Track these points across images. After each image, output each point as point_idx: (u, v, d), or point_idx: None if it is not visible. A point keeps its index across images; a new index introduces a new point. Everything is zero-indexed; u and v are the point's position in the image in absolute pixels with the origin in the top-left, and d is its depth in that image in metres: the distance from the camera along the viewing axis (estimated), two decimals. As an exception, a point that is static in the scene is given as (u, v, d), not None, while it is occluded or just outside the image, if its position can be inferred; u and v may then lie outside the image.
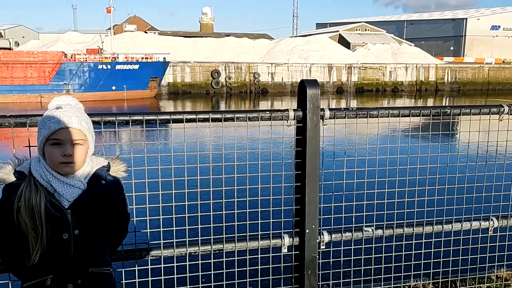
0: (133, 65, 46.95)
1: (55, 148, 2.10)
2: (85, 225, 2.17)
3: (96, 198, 2.19)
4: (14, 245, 2.16)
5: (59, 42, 62.90)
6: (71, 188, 2.13)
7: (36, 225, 2.06)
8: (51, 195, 2.11)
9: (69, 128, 2.11)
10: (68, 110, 2.17)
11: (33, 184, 2.09)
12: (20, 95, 43.13)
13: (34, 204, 2.05)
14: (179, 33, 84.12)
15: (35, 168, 2.13)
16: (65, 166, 2.11)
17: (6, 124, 2.52)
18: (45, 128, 2.11)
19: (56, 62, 44.66)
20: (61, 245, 2.12)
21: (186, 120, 2.73)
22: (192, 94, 53.15)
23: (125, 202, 2.39)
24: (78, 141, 2.14)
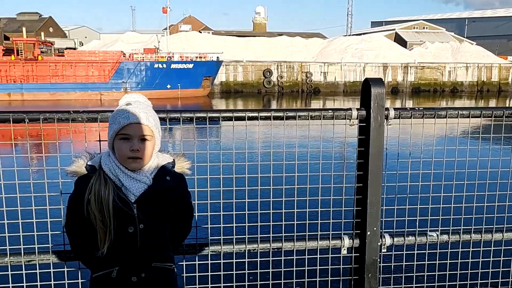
0: (187, 64, 47.99)
1: (124, 143, 2.19)
2: (150, 220, 2.24)
3: (161, 193, 2.25)
4: (85, 236, 2.26)
5: (118, 42, 65.50)
6: (137, 183, 2.21)
7: (104, 217, 2.15)
8: (119, 189, 2.20)
9: (138, 124, 2.19)
10: (137, 106, 2.24)
11: (102, 178, 2.19)
12: (82, 93, 45.32)
13: (103, 197, 2.14)
14: (233, 32, 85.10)
15: (105, 162, 2.23)
16: (133, 161, 2.20)
17: (79, 119, 2.63)
18: (115, 123, 2.20)
19: (115, 61, 46.51)
20: (126, 238, 2.21)
21: (252, 118, 2.75)
22: (244, 93, 53.60)
23: (189, 198, 2.45)
24: (145, 136, 2.21)
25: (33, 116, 2.58)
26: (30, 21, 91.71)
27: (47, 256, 2.74)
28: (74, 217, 2.25)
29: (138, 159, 2.20)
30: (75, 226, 2.26)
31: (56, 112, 2.60)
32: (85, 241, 2.27)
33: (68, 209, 2.27)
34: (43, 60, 45.72)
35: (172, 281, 2.37)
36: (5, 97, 44.24)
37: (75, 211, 2.22)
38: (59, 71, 45.47)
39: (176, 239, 2.49)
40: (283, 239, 2.95)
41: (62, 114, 2.61)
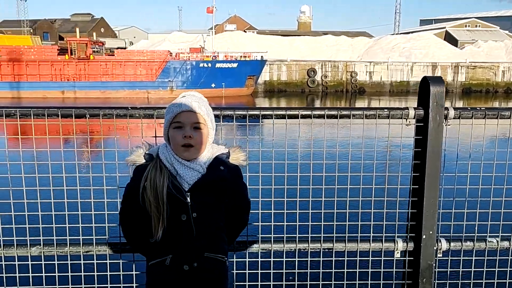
0: (232, 64, 48.41)
1: (177, 131, 2.26)
2: (204, 209, 2.27)
3: (214, 183, 2.28)
4: (140, 223, 2.32)
5: (165, 42, 67.06)
6: (191, 171, 2.26)
7: (159, 204, 2.21)
8: (174, 177, 2.25)
9: (189, 111, 2.26)
10: (191, 97, 2.32)
11: (158, 166, 2.25)
12: (130, 91, 46.72)
13: (158, 184, 2.20)
14: (277, 32, 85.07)
15: (162, 152, 2.30)
16: (185, 150, 2.25)
17: (136, 115, 2.71)
18: (169, 112, 2.29)
19: (162, 61, 47.62)
20: (180, 226, 2.25)
21: (305, 116, 2.72)
22: (287, 93, 53.47)
23: (244, 190, 2.46)
24: (197, 124, 2.26)
25: (94, 112, 2.67)
26: (83, 22, 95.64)
27: (104, 247, 2.83)
28: (130, 204, 2.32)
29: (191, 147, 2.25)
30: (131, 213, 2.33)
31: (115, 108, 2.68)
32: (139, 228, 2.33)
33: (125, 196, 2.35)
34: (95, 60, 47.50)
35: (223, 273, 2.38)
36: (59, 94, 46.30)
37: (132, 198, 2.30)
38: (109, 70, 47.10)
39: (232, 231, 2.51)
40: (334, 239, 2.90)
41: (120, 110, 2.69)
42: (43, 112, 2.65)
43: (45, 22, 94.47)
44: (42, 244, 2.81)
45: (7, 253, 2.79)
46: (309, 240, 2.89)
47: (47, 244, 2.81)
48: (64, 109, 2.67)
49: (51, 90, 46.19)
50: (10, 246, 2.80)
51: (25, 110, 2.64)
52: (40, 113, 2.65)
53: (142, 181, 2.24)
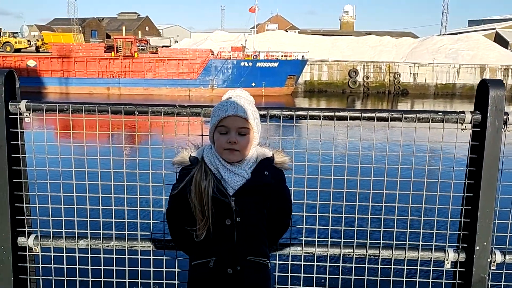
0: (272, 63, 48.40)
1: (222, 135, 2.24)
2: (247, 213, 2.26)
3: (259, 188, 2.27)
4: (185, 224, 2.32)
5: (207, 41, 67.93)
6: (236, 176, 2.25)
7: (203, 208, 2.21)
8: (219, 181, 2.24)
9: (235, 116, 2.23)
10: (237, 100, 2.29)
11: (203, 169, 2.25)
12: (172, 89, 47.64)
13: (203, 188, 2.20)
14: (319, 31, 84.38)
15: (207, 155, 2.29)
16: (229, 153, 2.24)
17: (183, 113, 2.71)
18: (215, 116, 2.27)
19: (204, 59, 48.22)
20: (224, 230, 2.25)
21: (354, 118, 2.64)
22: (327, 93, 52.94)
23: (287, 194, 2.43)
24: (243, 129, 2.25)
25: (142, 109, 2.70)
26: (129, 21, 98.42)
27: (148, 243, 2.86)
28: (175, 205, 2.34)
29: (235, 151, 2.23)
30: (176, 214, 2.35)
31: (163, 106, 2.70)
32: (185, 228, 2.34)
33: (171, 197, 2.36)
34: (139, 57, 48.74)
35: (266, 276, 2.37)
36: (104, 90, 47.84)
37: (177, 199, 2.31)
38: (153, 68, 48.18)
39: (273, 235, 2.49)
40: (381, 246, 2.81)
41: (168, 108, 2.70)
42: (94, 108, 2.70)
43: (93, 20, 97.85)
44: (89, 238, 2.87)
45: (56, 245, 2.87)
46: (354, 245, 2.81)
47: (94, 238, 2.87)
48: (114, 105, 2.71)
49: (97, 86, 47.83)
50: (59, 238, 2.87)
51: (77, 106, 2.71)
52: (91, 109, 2.70)
53: (187, 184, 2.25)
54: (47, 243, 2.87)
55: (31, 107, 2.70)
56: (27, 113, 2.71)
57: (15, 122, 2.71)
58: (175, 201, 2.34)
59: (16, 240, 2.83)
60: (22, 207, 2.80)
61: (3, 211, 2.74)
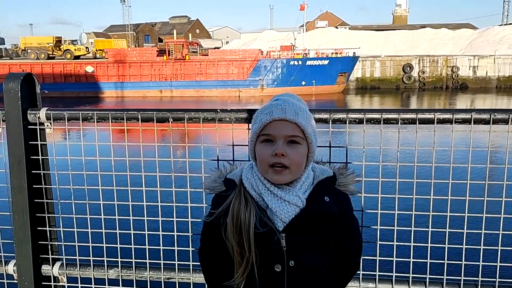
0: (322, 61, 47.46)
1: (266, 146, 1.67)
2: (304, 256, 1.69)
3: (318, 220, 1.69)
4: (222, 268, 1.79)
5: (256, 41, 67.84)
6: (286, 204, 1.67)
7: (243, 248, 1.66)
8: (263, 211, 1.68)
9: (283, 121, 1.65)
10: (285, 101, 1.72)
11: (243, 196, 1.70)
12: (222, 90, 47.85)
13: (242, 221, 1.65)
14: (371, 27, 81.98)
15: (246, 176, 1.74)
16: (275, 172, 1.65)
17: (226, 119, 2.23)
18: (256, 122, 1.71)
19: (253, 59, 48.05)
20: (273, 279, 1.68)
21: (442, 121, 2.06)
22: (380, 90, 51.17)
23: (356, 226, 1.84)
24: (293, 138, 1.67)
25: (177, 115, 2.25)
26: (180, 24, 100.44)
27: (187, 274, 2.41)
28: (209, 243, 1.81)
29: (284, 169, 1.65)
30: (211, 254, 1.82)
31: (202, 111, 2.23)
32: (221, 273, 1.79)
33: (203, 233, 1.84)
34: (190, 60, 49.36)
35: None
36: (157, 93, 48.85)
37: (210, 236, 1.78)
38: (203, 70, 48.64)
39: (340, 280, 1.87)
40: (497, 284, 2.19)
41: (208, 113, 2.23)
42: (122, 115, 2.28)
43: (146, 25, 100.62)
44: (120, 267, 2.46)
45: (83, 274, 2.49)
46: (462, 283, 2.19)
47: (125, 267, 2.46)
48: (145, 112, 2.28)
49: (150, 89, 48.93)
50: (86, 266, 2.49)
51: (102, 114, 2.30)
52: (119, 116, 2.29)
53: (223, 217, 1.72)
54: (73, 272, 2.49)
55: (52, 115, 2.32)
56: (48, 122, 2.33)
57: (35, 133, 2.35)
58: (207, 238, 1.81)
59: (39, 268, 2.47)
60: (46, 230, 2.44)
61: (24, 235, 2.39)
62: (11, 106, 2.27)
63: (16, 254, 2.44)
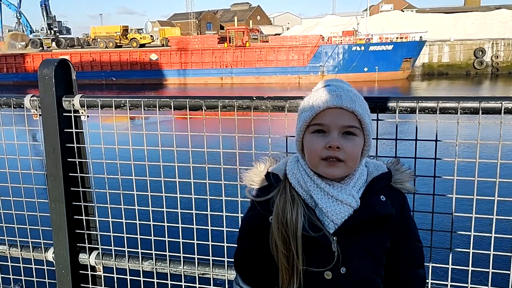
0: (386, 46, 45.71)
1: (317, 137, 1.47)
2: (357, 262, 1.48)
3: (374, 222, 1.47)
4: (264, 273, 1.60)
5: (318, 26, 66.56)
6: (338, 204, 1.47)
7: (289, 251, 1.46)
8: (311, 210, 1.49)
9: (338, 109, 1.45)
10: (338, 86, 1.50)
11: (288, 193, 1.50)
12: (281, 76, 47.57)
13: (288, 221, 1.46)
14: (439, 9, 77.67)
15: (292, 171, 1.54)
16: (329, 165, 1.45)
17: (262, 107, 2.06)
18: (306, 110, 1.50)
19: (314, 45, 47.25)
20: (321, 286, 1.48)
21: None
22: (449, 75, 48.47)
23: (414, 229, 1.60)
24: (350, 129, 1.46)
25: (211, 103, 2.10)
26: (241, 11, 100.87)
27: (221, 271, 2.30)
28: (248, 245, 1.63)
29: (338, 161, 1.45)
30: (250, 257, 1.63)
31: (236, 98, 2.07)
32: (262, 280, 1.61)
33: (241, 233, 1.66)
34: (250, 47, 49.46)
35: None
36: (218, 80, 49.52)
37: (250, 237, 1.61)
38: (263, 56, 48.59)
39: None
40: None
41: (242, 101, 2.07)
42: (154, 102, 2.18)
43: (208, 13, 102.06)
44: (155, 259, 2.38)
45: (119, 265, 2.44)
46: None
47: (160, 259, 2.38)
48: (178, 99, 2.16)
49: (211, 76, 49.68)
50: (122, 257, 2.44)
51: (135, 101, 2.21)
52: (151, 103, 2.19)
53: (265, 215, 1.53)
54: (109, 262, 2.45)
55: (86, 102, 2.26)
56: (82, 109, 2.28)
57: (70, 121, 2.31)
58: (246, 240, 1.63)
59: (77, 257, 2.46)
60: (82, 219, 2.41)
61: (61, 223, 2.38)
62: (45, 93, 2.24)
63: (54, 242, 2.44)
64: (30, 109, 2.34)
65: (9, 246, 2.60)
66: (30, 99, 2.33)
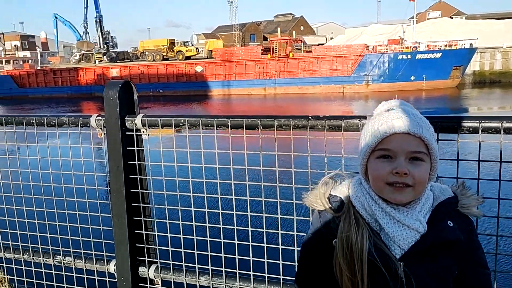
0: (434, 54, 44.49)
1: (383, 162, 1.46)
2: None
3: (441, 248, 1.46)
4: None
5: (362, 35, 65.79)
6: (405, 229, 1.46)
7: (355, 275, 1.46)
8: (376, 235, 1.48)
9: (405, 135, 1.44)
10: (404, 110, 1.50)
11: (353, 216, 1.51)
12: (325, 86, 47.29)
13: (353, 244, 1.46)
14: (490, 15, 74.81)
15: (355, 194, 1.55)
16: (396, 190, 1.44)
17: (319, 126, 2.08)
18: (370, 134, 1.50)
19: (358, 55, 46.70)
20: None
21: None
22: (501, 83, 46.42)
23: (482, 255, 1.56)
24: (417, 154, 1.45)
25: (267, 122, 2.15)
26: (285, 22, 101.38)
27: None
28: (309, 268, 1.63)
29: (406, 187, 1.44)
30: (311, 280, 1.63)
31: (292, 118, 2.11)
32: None
33: (302, 255, 1.66)
34: (294, 57, 49.56)
35: None
36: (261, 91, 49.87)
37: (311, 260, 1.61)
38: (307, 66, 48.54)
39: None
40: None
41: (298, 120, 2.10)
42: (212, 122, 2.25)
43: (252, 25, 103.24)
44: (211, 274, 2.44)
45: (176, 279, 2.51)
46: None
47: (216, 275, 2.43)
48: (235, 118, 2.22)
49: (255, 87, 50.12)
50: (179, 271, 2.51)
51: (193, 120, 2.29)
52: (209, 123, 2.26)
53: (328, 237, 1.54)
54: (167, 276, 2.53)
55: (147, 122, 2.37)
56: (143, 128, 2.39)
57: (132, 139, 2.42)
58: (308, 262, 1.63)
59: (137, 270, 2.55)
60: (142, 233, 2.51)
61: (123, 237, 2.48)
62: (110, 113, 2.36)
63: (116, 255, 2.55)
64: (96, 128, 2.47)
65: (74, 257, 2.74)
66: (95, 119, 2.46)
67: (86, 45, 66.09)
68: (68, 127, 2.55)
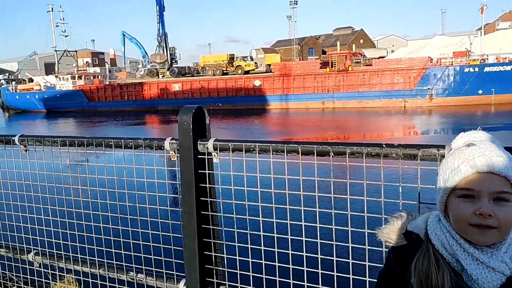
0: (505, 66, 42.18)
1: (465, 202, 1.39)
2: None
3: None
4: None
5: (425, 48, 63.61)
6: (489, 271, 1.38)
7: None
8: (458, 275, 1.41)
9: (489, 174, 1.36)
10: (486, 147, 1.42)
11: (432, 255, 1.44)
12: (385, 100, 46.20)
13: (434, 284, 1.40)
14: None
15: (434, 231, 1.48)
16: (480, 232, 1.37)
17: (393, 155, 2.02)
18: (450, 171, 1.43)
19: (421, 68, 45.28)
20: None
21: None
22: None
23: None
24: (502, 195, 1.36)
25: (339, 149, 2.12)
26: (344, 35, 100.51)
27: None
28: None
29: (490, 228, 1.36)
30: None
31: (365, 145, 2.07)
32: None
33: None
34: (353, 71, 48.93)
35: None
36: (320, 105, 49.57)
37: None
38: (366, 80, 47.72)
39: None
40: None
41: (372, 148, 2.06)
42: (282, 147, 2.26)
43: (310, 38, 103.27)
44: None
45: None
46: None
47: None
48: (305, 144, 2.22)
49: (313, 101, 49.94)
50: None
51: (264, 145, 2.31)
52: (279, 148, 2.27)
53: (407, 276, 1.48)
54: (235, 298, 2.55)
55: (218, 146, 2.42)
56: (214, 152, 2.45)
57: (203, 162, 2.48)
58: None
59: (205, 291, 2.59)
60: (211, 255, 2.55)
61: (193, 258, 2.54)
62: (184, 137, 2.45)
63: (186, 275, 2.61)
64: (169, 151, 2.57)
65: (146, 275, 2.84)
66: (169, 142, 2.56)
67: (159, 57, 70.05)
68: (143, 149, 2.67)
